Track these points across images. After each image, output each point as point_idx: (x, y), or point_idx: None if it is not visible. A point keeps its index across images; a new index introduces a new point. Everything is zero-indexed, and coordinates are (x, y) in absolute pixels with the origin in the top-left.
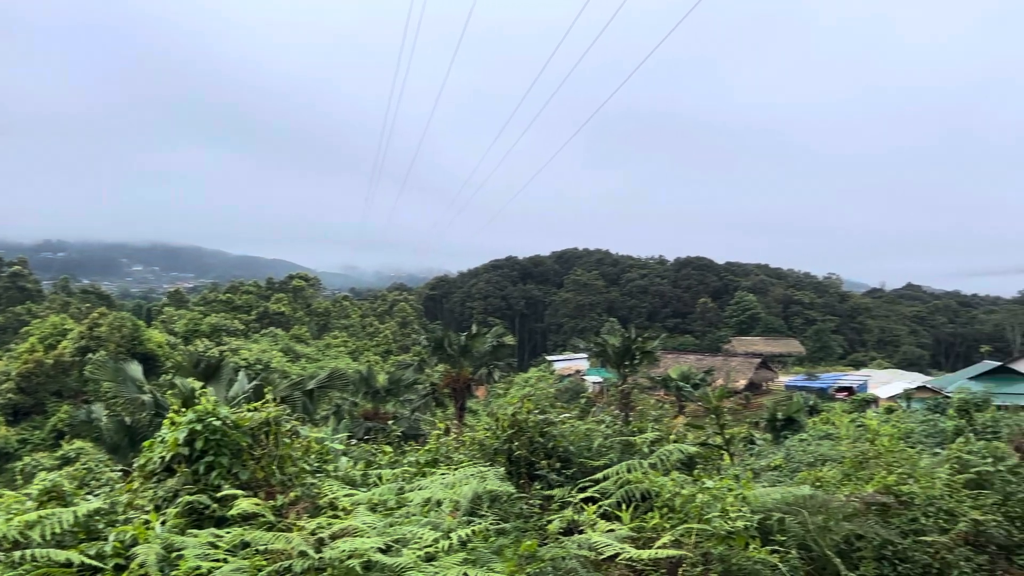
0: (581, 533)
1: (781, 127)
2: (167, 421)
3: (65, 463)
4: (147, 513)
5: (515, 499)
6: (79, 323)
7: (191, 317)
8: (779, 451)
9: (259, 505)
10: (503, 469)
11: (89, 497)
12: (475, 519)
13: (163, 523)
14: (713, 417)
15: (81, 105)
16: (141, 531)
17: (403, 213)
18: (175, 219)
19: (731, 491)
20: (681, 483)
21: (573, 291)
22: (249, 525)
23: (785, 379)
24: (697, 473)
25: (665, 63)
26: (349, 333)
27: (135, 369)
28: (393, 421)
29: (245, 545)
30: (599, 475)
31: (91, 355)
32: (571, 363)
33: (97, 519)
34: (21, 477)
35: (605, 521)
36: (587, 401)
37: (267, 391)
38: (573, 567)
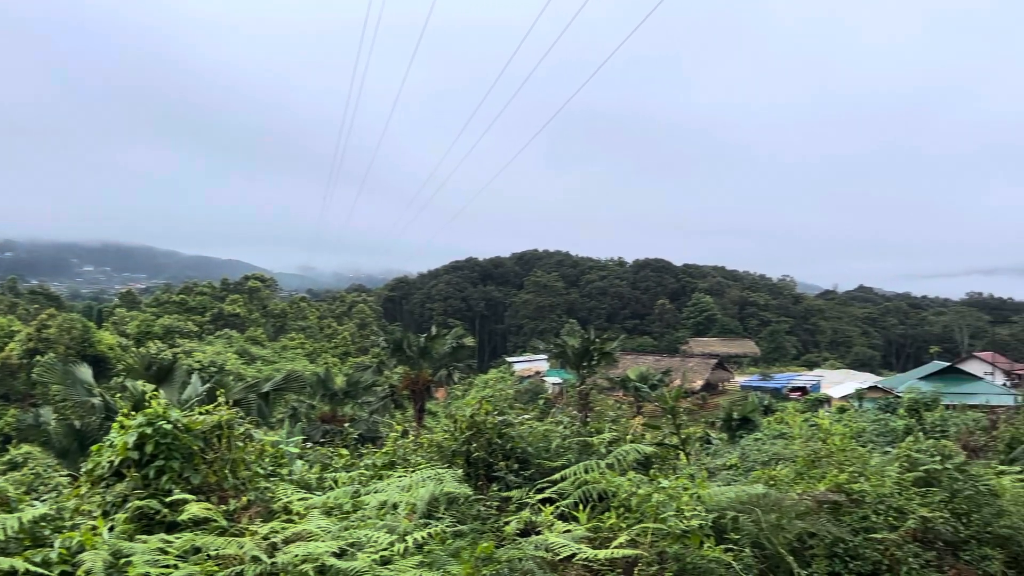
0: (538, 534)
1: (739, 129)
2: (116, 425)
3: (12, 468)
4: (95, 519)
5: (472, 501)
6: (27, 325)
7: (143, 319)
8: (735, 450)
9: (210, 510)
10: (461, 471)
11: (35, 503)
12: (432, 522)
13: (111, 529)
14: (669, 417)
15: (28, 100)
16: (88, 537)
17: (362, 213)
18: (127, 218)
19: (686, 490)
20: (637, 483)
21: (533, 292)
22: (200, 530)
23: (741, 379)
24: (653, 473)
25: (625, 63)
26: (306, 335)
27: (85, 372)
28: (350, 424)
29: (196, 550)
30: (557, 476)
31: (39, 357)
32: (531, 364)
33: (43, 525)
34: None
35: (562, 522)
36: (546, 402)
37: (220, 394)
38: (530, 568)
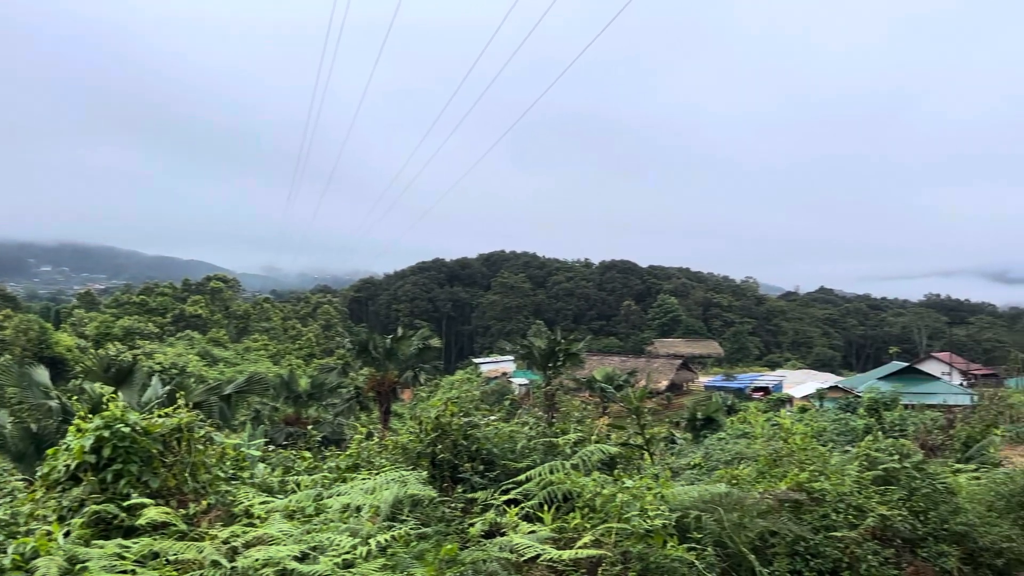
0: (503, 535)
1: (703, 132)
2: (73, 428)
3: None
4: (50, 524)
5: (437, 503)
6: None
7: (103, 320)
8: (699, 450)
9: (169, 514)
10: (426, 473)
11: None
12: (396, 524)
13: (67, 534)
14: (634, 418)
15: None
16: (43, 543)
17: (328, 214)
18: (87, 218)
19: (650, 490)
20: (602, 483)
21: (500, 294)
22: (159, 535)
23: (705, 380)
24: (618, 473)
25: (591, 65)
26: (270, 336)
27: (42, 374)
28: (313, 426)
29: (154, 555)
30: (522, 477)
31: None
32: (498, 365)
33: None
34: None
35: (527, 523)
36: (512, 403)
37: (180, 396)
38: (494, 570)
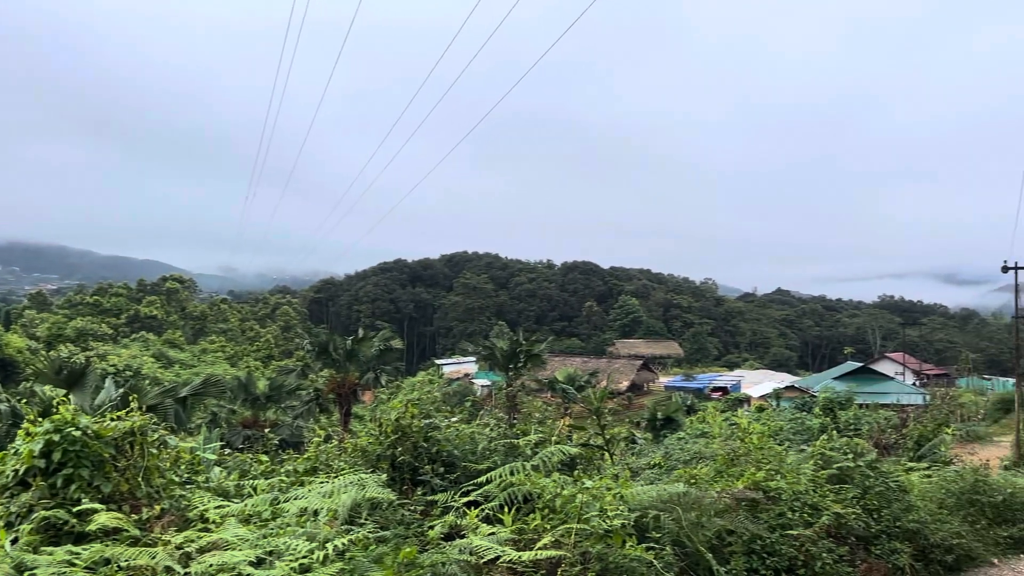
0: (463, 537)
1: (662, 136)
2: (22, 432)
3: None
4: None
5: (396, 506)
6: None
7: (55, 321)
8: (659, 450)
9: (121, 519)
10: (385, 475)
11: None
12: (354, 528)
13: (14, 541)
14: (595, 418)
15: None
16: None
17: (287, 213)
18: (38, 216)
19: (610, 490)
20: (562, 484)
21: (462, 294)
22: (111, 541)
23: (665, 380)
24: (578, 474)
25: (553, 68)
26: (227, 337)
27: None
28: (271, 429)
29: (106, 562)
30: (483, 478)
31: None
32: (460, 366)
33: None
34: None
35: (487, 524)
36: (474, 404)
37: (132, 399)
38: (454, 572)
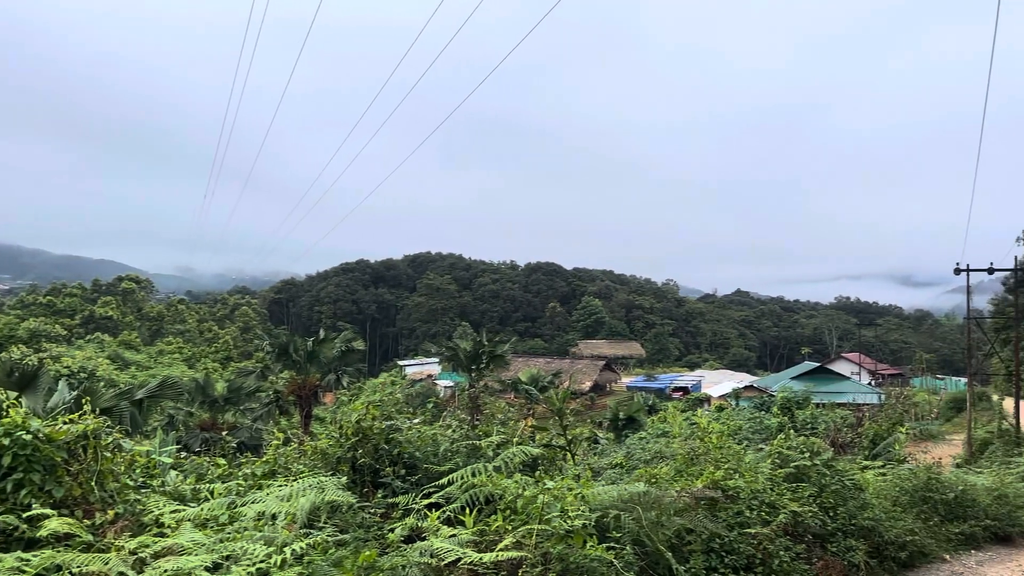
0: (424, 540)
1: (624, 140)
2: None
3: None
4: None
5: (356, 509)
6: None
7: (6, 322)
8: (621, 449)
9: (73, 525)
10: (345, 478)
11: None
12: (313, 531)
13: None
14: (557, 419)
15: None
16: None
17: (246, 213)
18: None
19: (571, 491)
20: (524, 485)
21: (426, 295)
22: (63, 546)
23: (627, 380)
24: (539, 474)
25: (517, 71)
26: (185, 339)
27: None
28: (228, 432)
29: (57, 568)
30: (444, 480)
31: None
32: (423, 367)
33: None
34: None
35: (449, 526)
36: (436, 406)
37: (86, 402)
38: (414, 575)
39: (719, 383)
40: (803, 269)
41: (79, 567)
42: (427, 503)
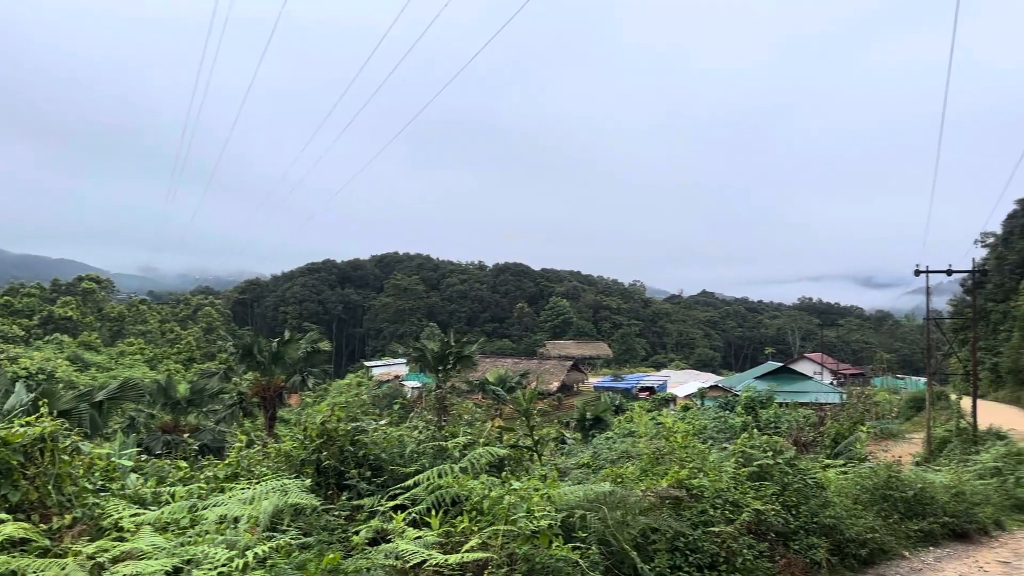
0: (389, 542)
1: (592, 142)
2: None
3: None
4: None
5: (321, 511)
6: None
7: None
8: (588, 449)
9: (29, 529)
10: (309, 481)
11: None
12: (276, 535)
13: None
14: (524, 419)
15: None
16: None
17: (210, 212)
18: None
19: (537, 491)
20: (490, 485)
21: (393, 296)
22: (19, 552)
23: (594, 380)
24: (506, 475)
25: (486, 72)
26: (147, 340)
27: None
28: (193, 434)
29: (12, 574)
30: (410, 482)
31: None
32: (390, 368)
33: None
34: None
35: (414, 528)
36: (403, 407)
37: (43, 404)
38: None
39: (685, 383)
40: (767, 270)
41: (35, 572)
42: (393, 505)
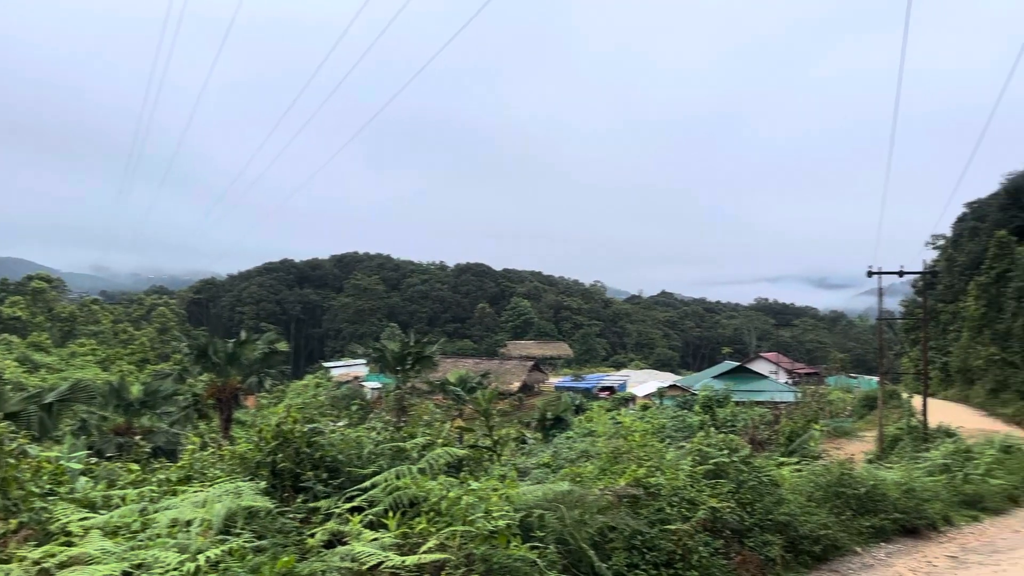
0: (345, 544)
1: (552, 143)
2: None
3: None
4: None
5: (276, 514)
6: None
7: None
8: (548, 449)
9: None
10: (265, 483)
11: None
12: (230, 538)
13: None
14: (484, 419)
15: None
16: None
17: (164, 210)
18: None
19: (496, 491)
20: (448, 486)
21: (353, 296)
22: None
23: (555, 380)
24: (464, 476)
25: (447, 73)
26: (99, 340)
27: None
28: (146, 436)
29: None
30: (367, 483)
31: None
32: (350, 369)
33: None
34: None
35: (371, 530)
36: (361, 408)
37: None
38: None
39: (644, 382)
40: (725, 271)
41: None
42: (350, 507)
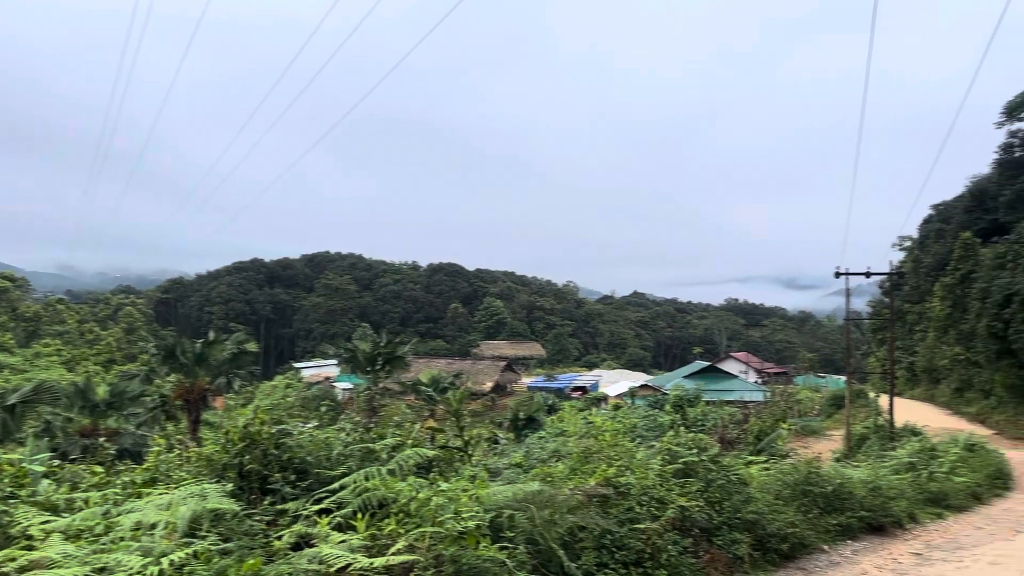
0: (313, 547)
1: (524, 144)
2: None
3: None
4: None
5: (242, 516)
6: None
7: None
8: (520, 449)
9: None
10: (231, 485)
11: None
12: (195, 541)
13: None
14: (455, 420)
15: None
16: None
17: (132, 208)
18: None
19: (465, 492)
20: (417, 487)
21: (324, 296)
22: None
23: (528, 380)
24: (434, 476)
25: (420, 72)
26: (64, 341)
27: None
28: (112, 438)
29: None
30: (336, 485)
31: None
32: (321, 370)
33: None
34: None
35: (340, 532)
36: (332, 409)
37: None
38: None
39: (616, 382)
40: (695, 272)
41: None
42: (318, 509)
